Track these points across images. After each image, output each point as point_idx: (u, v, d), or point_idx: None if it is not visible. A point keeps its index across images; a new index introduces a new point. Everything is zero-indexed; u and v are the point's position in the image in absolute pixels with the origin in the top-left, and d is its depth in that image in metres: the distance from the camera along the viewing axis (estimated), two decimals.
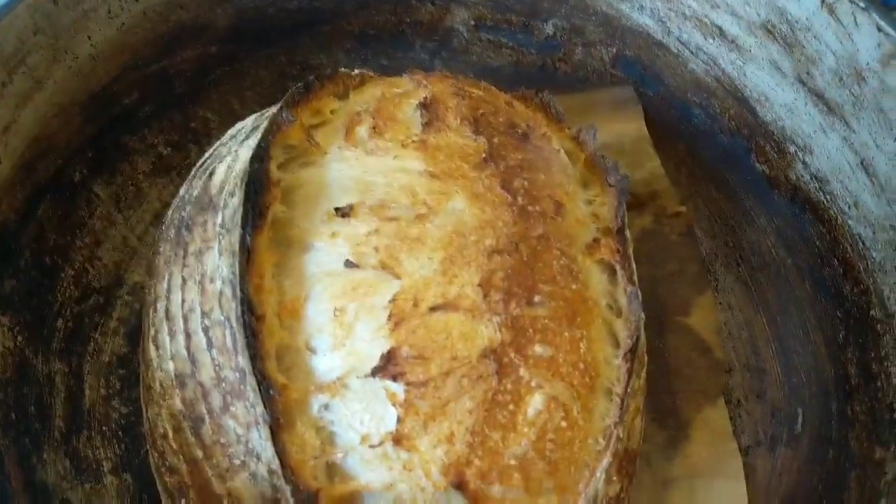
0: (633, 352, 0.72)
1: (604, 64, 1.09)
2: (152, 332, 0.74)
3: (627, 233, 0.80)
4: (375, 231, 0.70)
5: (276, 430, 0.64)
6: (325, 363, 0.67)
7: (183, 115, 1.00)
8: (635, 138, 1.03)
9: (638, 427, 0.74)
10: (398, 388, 0.65)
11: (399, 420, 0.65)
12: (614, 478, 0.69)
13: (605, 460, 0.67)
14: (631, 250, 0.79)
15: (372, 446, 0.65)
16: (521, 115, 0.85)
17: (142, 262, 0.93)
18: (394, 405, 0.65)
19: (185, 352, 0.70)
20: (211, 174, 0.77)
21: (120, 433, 0.85)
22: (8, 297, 0.82)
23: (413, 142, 0.75)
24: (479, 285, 0.69)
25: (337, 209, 0.71)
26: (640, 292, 0.75)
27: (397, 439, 0.64)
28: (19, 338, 0.83)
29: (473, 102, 0.81)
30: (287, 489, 0.63)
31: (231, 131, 0.85)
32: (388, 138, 0.76)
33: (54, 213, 0.89)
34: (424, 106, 0.78)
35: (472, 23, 1.09)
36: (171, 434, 0.70)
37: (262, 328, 0.66)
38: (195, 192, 0.77)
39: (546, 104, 0.89)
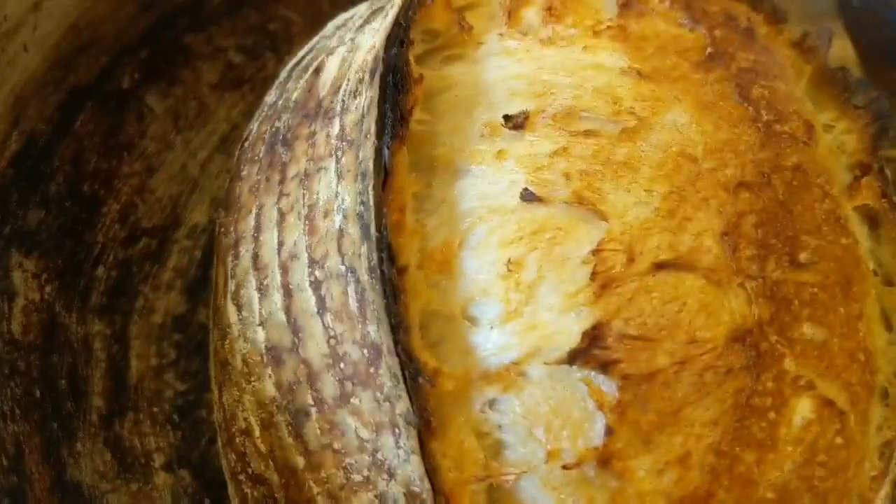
0: None
1: None
2: (232, 286, 0.54)
3: (888, 172, 0.58)
4: (563, 150, 0.49)
5: (426, 435, 0.43)
6: (493, 340, 0.46)
7: (260, 14, 0.82)
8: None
9: None
10: (609, 384, 0.44)
11: (609, 431, 0.43)
12: None
13: (883, 490, 0.50)
14: None
15: (565, 467, 0.44)
16: (735, 6, 0.62)
17: (204, 197, 0.77)
18: (601, 408, 0.44)
19: (282, 316, 0.49)
20: (317, 71, 0.56)
21: (175, 417, 0.69)
22: (34, 233, 0.64)
23: (608, 28, 0.53)
24: (724, 234, 0.47)
25: (507, 117, 0.49)
26: None
27: (605, 459, 0.44)
28: (48, 288, 0.64)
29: None
30: None
31: (335, 21, 0.63)
32: (570, 24, 0.54)
33: (97, 128, 0.71)
34: None
35: None
36: (257, 430, 0.50)
37: (404, 285, 0.45)
38: (294, 96, 0.56)
39: None
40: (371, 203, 0.45)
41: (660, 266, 0.46)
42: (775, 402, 0.46)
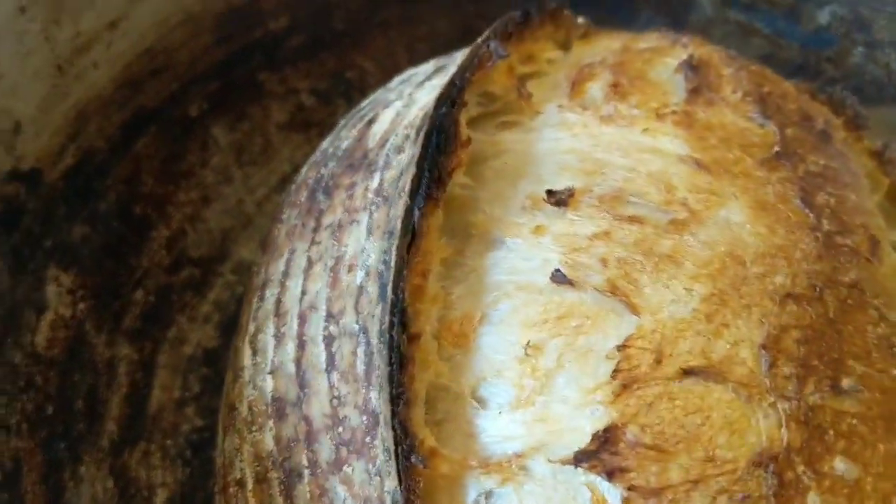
0: None
1: (889, 74, 0.83)
2: (252, 328, 0.52)
3: None
4: (605, 234, 0.46)
5: None
6: (499, 426, 0.43)
7: (337, 60, 0.81)
8: None
9: None
10: (614, 494, 0.40)
11: None
12: None
13: None
14: None
15: None
16: (814, 107, 0.59)
17: (256, 235, 0.76)
18: None
19: (292, 367, 0.48)
20: (370, 122, 0.55)
21: (188, 452, 0.66)
22: (77, 248, 0.63)
23: (673, 113, 0.51)
24: (763, 347, 0.43)
25: (550, 192, 0.47)
26: None
27: None
28: (81, 305, 0.64)
29: (755, 76, 0.56)
30: None
31: (401, 76, 0.62)
32: (634, 104, 0.52)
33: (157, 152, 0.71)
34: (691, 66, 0.53)
35: None
36: (250, 483, 0.48)
37: (414, 355, 0.43)
38: (344, 145, 0.55)
39: (840, 102, 0.62)
40: (392, 263, 0.43)
41: (688, 372, 0.42)
42: None
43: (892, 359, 0.47)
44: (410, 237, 0.44)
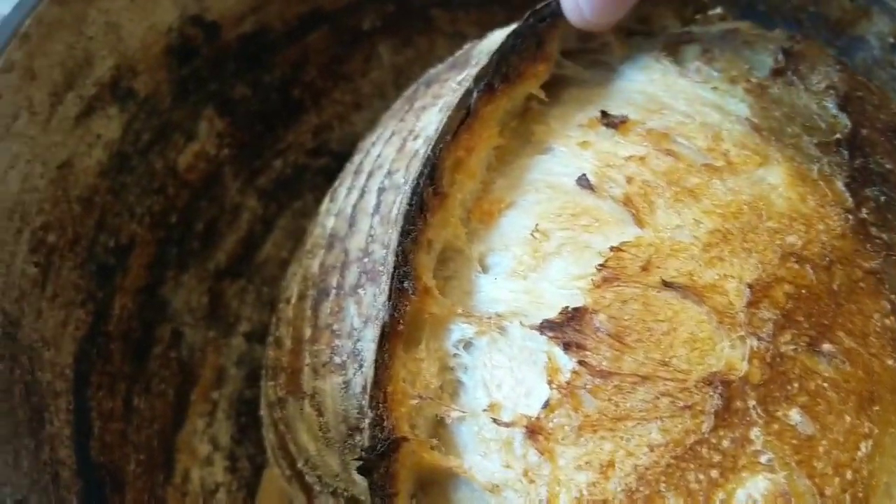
0: None
1: None
2: (336, 183, 0.61)
3: None
4: (640, 159, 0.50)
5: (391, 336, 0.46)
6: (493, 289, 0.49)
7: (507, 16, 0.80)
8: None
9: None
10: (566, 363, 0.45)
11: (548, 406, 0.44)
12: None
13: None
14: None
15: (497, 422, 0.45)
16: None
17: None
18: (550, 382, 0.45)
19: (349, 210, 0.55)
20: (484, 38, 0.61)
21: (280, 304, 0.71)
22: (235, 103, 0.72)
23: (748, 81, 0.54)
24: (750, 286, 0.46)
25: (604, 114, 0.52)
26: None
27: (534, 431, 0.44)
28: (226, 151, 0.72)
29: (852, 81, 0.57)
30: (368, 415, 0.45)
31: None
32: (717, 69, 0.55)
33: (325, 49, 0.78)
34: (785, 51, 0.56)
35: (892, 40, 0.83)
36: (294, 299, 0.57)
37: (436, 208, 0.49)
38: (458, 53, 0.62)
39: None
40: (440, 130, 0.50)
41: (669, 285, 0.46)
42: (725, 463, 0.43)
43: (891, 348, 0.48)
44: (465, 114, 0.51)
